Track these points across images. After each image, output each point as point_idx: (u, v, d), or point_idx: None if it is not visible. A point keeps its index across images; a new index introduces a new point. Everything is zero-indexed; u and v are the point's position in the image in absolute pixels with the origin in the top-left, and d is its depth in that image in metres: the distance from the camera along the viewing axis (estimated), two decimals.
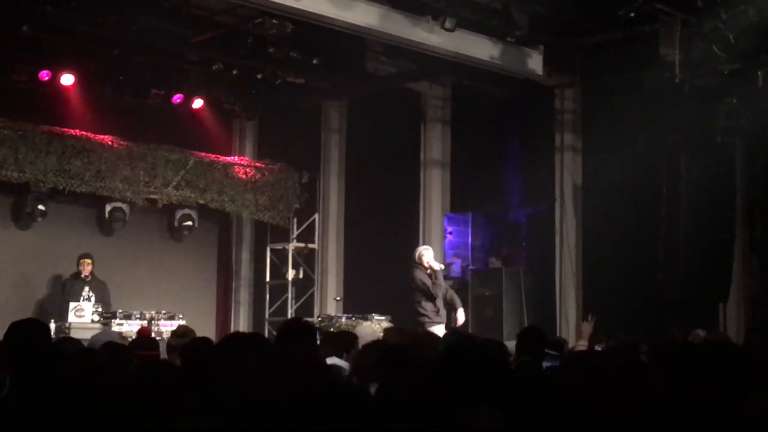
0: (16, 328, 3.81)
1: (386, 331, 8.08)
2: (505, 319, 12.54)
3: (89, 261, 12.83)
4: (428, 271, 11.06)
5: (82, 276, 12.78)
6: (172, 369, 4.05)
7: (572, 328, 12.75)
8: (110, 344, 4.92)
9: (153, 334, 11.74)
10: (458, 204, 14.15)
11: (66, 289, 12.74)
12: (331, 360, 5.56)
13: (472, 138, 13.91)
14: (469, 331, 12.55)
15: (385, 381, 4.20)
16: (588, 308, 12.86)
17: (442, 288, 11.15)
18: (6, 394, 3.61)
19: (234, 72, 13.29)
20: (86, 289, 12.68)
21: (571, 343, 11.64)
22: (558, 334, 12.20)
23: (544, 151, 13.22)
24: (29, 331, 3.81)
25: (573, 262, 12.97)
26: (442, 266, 11.46)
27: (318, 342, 4.99)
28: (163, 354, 6.71)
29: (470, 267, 13.50)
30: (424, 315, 10.94)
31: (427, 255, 11.21)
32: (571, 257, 12.97)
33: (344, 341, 6.62)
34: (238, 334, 3.56)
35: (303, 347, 4.66)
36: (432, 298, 10.99)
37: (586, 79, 12.95)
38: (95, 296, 12.63)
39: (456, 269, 13.70)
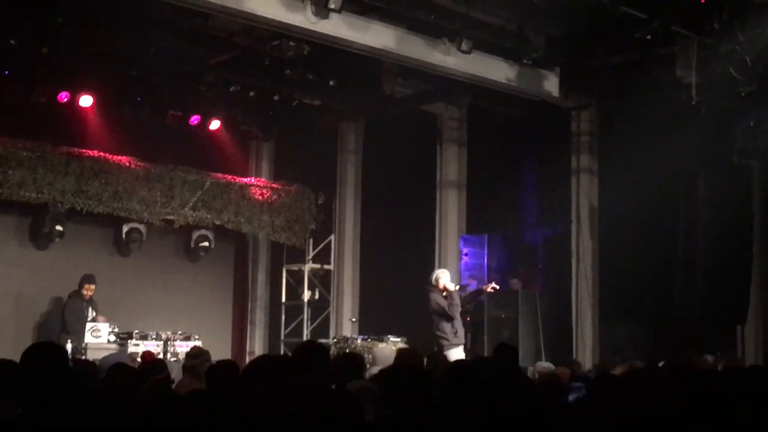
0: (33, 350, 3.82)
1: (400, 352, 8.04)
2: (521, 341, 12.46)
3: (94, 286, 12.79)
4: (444, 293, 11.02)
5: (87, 297, 12.73)
6: (198, 393, 4.07)
7: (588, 350, 12.71)
8: (120, 366, 4.92)
9: (168, 355, 11.82)
10: (474, 225, 14.13)
11: (70, 308, 12.68)
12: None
13: (488, 159, 13.91)
14: (485, 352, 12.52)
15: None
16: (604, 330, 12.84)
17: (459, 308, 11.11)
18: (20, 415, 3.61)
19: (251, 93, 13.35)
20: (90, 309, 12.73)
21: (587, 366, 11.63)
22: (574, 357, 12.16)
23: (561, 172, 13.21)
24: (47, 354, 3.82)
25: (589, 283, 12.92)
26: (458, 286, 11.41)
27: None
28: (178, 375, 6.72)
29: None
30: (442, 338, 10.88)
31: (444, 278, 11.17)
32: (588, 279, 12.92)
33: (354, 364, 6.55)
34: (266, 357, 3.57)
35: (318, 370, 4.65)
36: (449, 320, 10.95)
37: (602, 101, 12.95)
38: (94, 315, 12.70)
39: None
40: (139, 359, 9.44)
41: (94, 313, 12.66)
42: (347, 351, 11.28)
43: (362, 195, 15.21)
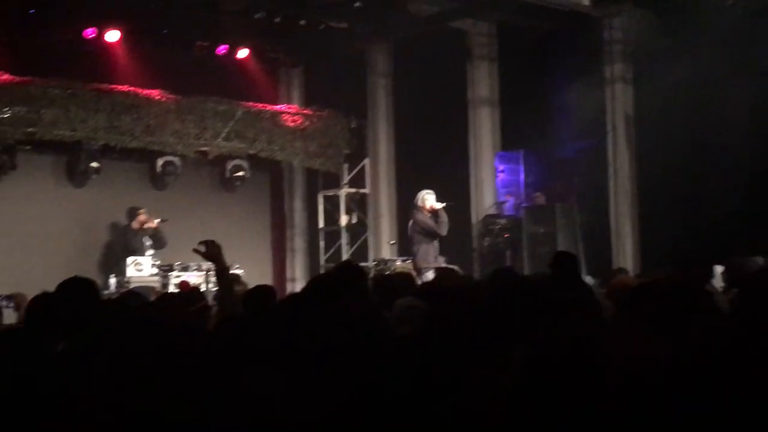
0: (63, 286, 3.86)
1: (439, 271, 8.05)
2: None
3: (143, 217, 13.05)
4: (429, 215, 11.06)
5: (141, 228, 12.98)
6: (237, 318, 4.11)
7: (630, 261, 12.65)
8: (167, 296, 4.96)
9: (210, 285, 11.96)
10: (509, 142, 14.01)
11: (128, 240, 12.97)
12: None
13: (520, 74, 13.70)
14: (525, 269, 12.53)
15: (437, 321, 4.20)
16: (644, 240, 12.77)
17: (447, 226, 11.12)
18: (62, 350, 3.67)
19: (277, 20, 13.21)
20: (147, 239, 12.94)
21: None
22: (615, 266, 12.11)
23: (594, 83, 13.00)
24: (76, 288, 3.86)
25: (627, 194, 12.82)
26: (444, 204, 11.38)
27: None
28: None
29: (523, 205, 13.42)
30: (425, 260, 10.97)
31: (430, 199, 11.25)
32: (626, 190, 12.82)
33: (404, 281, 6.53)
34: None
35: (355, 292, 4.68)
36: (434, 238, 11.07)
37: (634, 7, 12.66)
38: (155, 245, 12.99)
39: (509, 207, 13.64)
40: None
41: (150, 242, 12.92)
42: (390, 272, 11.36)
43: (394, 117, 15.11)
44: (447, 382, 3.05)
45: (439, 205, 11.18)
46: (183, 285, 10.06)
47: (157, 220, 13.05)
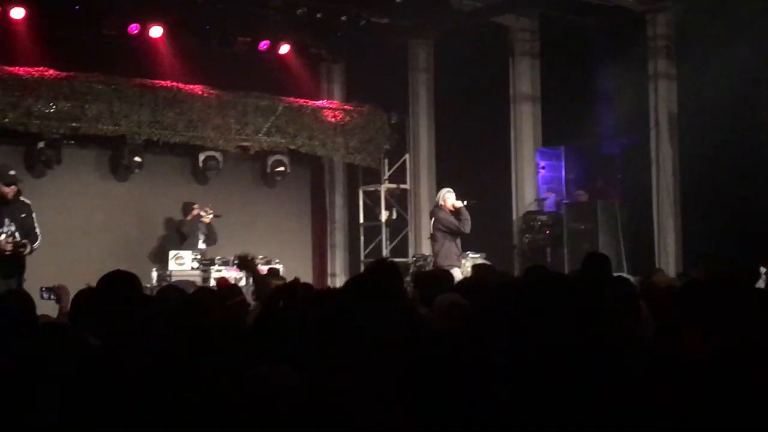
0: (104, 280, 3.91)
1: (476, 267, 8.02)
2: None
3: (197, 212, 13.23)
4: (450, 213, 11.13)
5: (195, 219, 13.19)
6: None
7: (672, 259, 12.52)
8: (204, 290, 5.00)
9: (251, 280, 12.01)
10: (550, 138, 13.92)
11: (183, 233, 13.18)
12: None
13: (562, 70, 13.61)
14: (565, 266, 12.45)
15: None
16: (687, 238, 12.62)
17: (470, 223, 11.11)
18: (104, 342, 3.71)
19: (318, 15, 13.25)
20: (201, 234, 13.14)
21: (670, 275, 11.46)
22: (657, 266, 11.99)
23: (637, 79, 12.87)
24: (118, 282, 3.91)
25: (670, 191, 12.67)
26: (465, 202, 11.38)
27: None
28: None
29: (564, 201, 13.33)
30: (448, 258, 10.94)
31: (450, 197, 11.27)
32: (669, 187, 12.67)
33: (444, 280, 6.53)
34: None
35: (393, 289, 4.66)
36: (457, 237, 11.05)
37: (678, 2, 12.51)
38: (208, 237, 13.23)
39: (550, 204, 13.56)
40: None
41: (203, 236, 13.10)
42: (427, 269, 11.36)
43: (435, 112, 15.09)
44: (486, 378, 3.03)
45: (459, 204, 11.20)
46: (222, 281, 10.11)
47: (211, 215, 13.16)
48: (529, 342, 3.12)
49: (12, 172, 9.60)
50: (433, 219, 11.39)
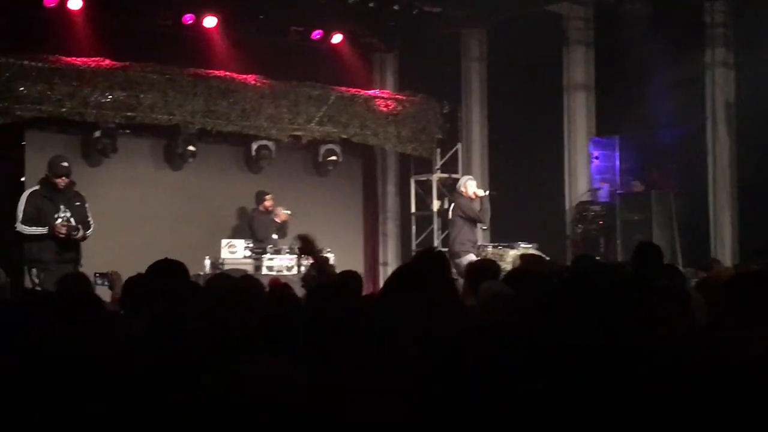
0: (153, 268, 3.96)
1: (524, 257, 7.98)
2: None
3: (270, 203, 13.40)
4: (473, 200, 11.37)
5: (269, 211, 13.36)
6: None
7: (728, 250, 12.33)
8: (250, 278, 5.04)
9: (302, 268, 12.08)
10: (604, 127, 13.76)
11: (254, 222, 13.32)
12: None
13: (617, 58, 13.43)
14: (618, 256, 12.33)
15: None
16: (744, 230, 12.41)
17: (489, 213, 11.35)
18: (148, 328, 3.75)
19: (371, 5, 13.25)
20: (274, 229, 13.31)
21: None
22: (713, 256, 11.82)
23: (694, 68, 12.66)
24: (166, 269, 3.96)
25: (727, 182, 12.47)
26: (486, 192, 11.65)
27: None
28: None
29: (618, 191, 13.18)
30: (464, 245, 11.13)
31: (471, 185, 11.42)
32: (725, 178, 12.47)
33: (490, 270, 6.50)
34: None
35: (438, 279, 4.65)
36: (475, 225, 11.38)
37: None
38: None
39: (603, 194, 13.41)
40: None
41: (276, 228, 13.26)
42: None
43: (488, 102, 15.00)
44: (523, 369, 3.01)
45: (481, 192, 11.36)
46: (274, 282, 10.18)
47: (285, 212, 13.28)
48: (558, 337, 3.09)
49: (65, 164, 9.81)
50: (452, 204, 11.51)
